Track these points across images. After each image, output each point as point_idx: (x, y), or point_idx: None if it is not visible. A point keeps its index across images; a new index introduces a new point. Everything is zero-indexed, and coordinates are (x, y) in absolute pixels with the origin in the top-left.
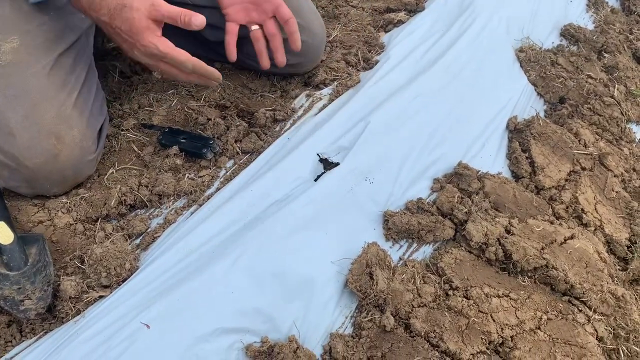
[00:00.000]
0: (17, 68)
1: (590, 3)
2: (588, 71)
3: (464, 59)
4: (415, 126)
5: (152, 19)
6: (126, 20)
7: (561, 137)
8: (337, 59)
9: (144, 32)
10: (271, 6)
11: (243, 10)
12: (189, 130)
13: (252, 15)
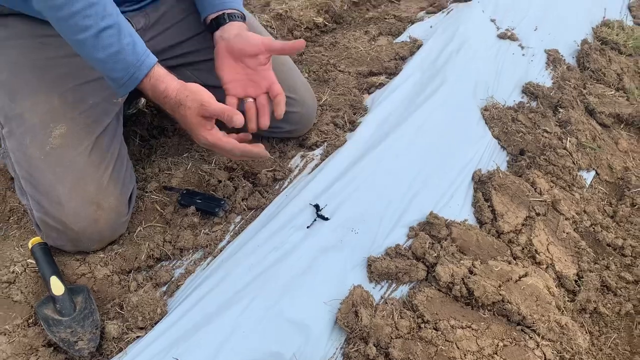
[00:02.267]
0: (64, 150)
1: (549, 61)
2: (544, 126)
3: (436, 118)
4: (392, 181)
5: (202, 116)
6: (182, 116)
7: (519, 187)
8: (327, 122)
9: (196, 127)
10: (266, 83)
11: (241, 86)
12: (203, 192)
13: (248, 90)
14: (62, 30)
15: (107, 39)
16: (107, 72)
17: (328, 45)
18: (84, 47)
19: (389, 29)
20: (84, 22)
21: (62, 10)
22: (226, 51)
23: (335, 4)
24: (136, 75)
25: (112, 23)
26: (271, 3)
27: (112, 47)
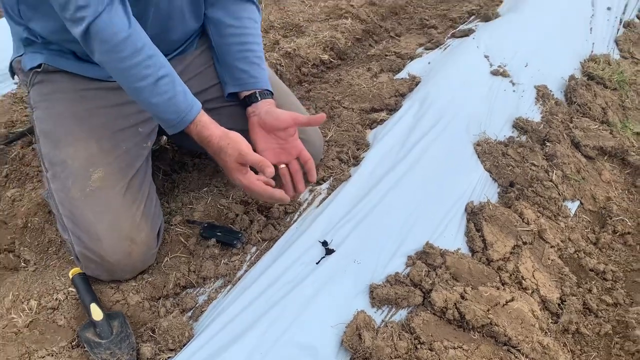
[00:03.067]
0: (102, 191)
1: (539, 96)
2: (532, 160)
3: (431, 153)
4: (392, 213)
5: (239, 162)
6: (222, 160)
7: (508, 217)
8: (333, 157)
9: (234, 171)
10: (295, 151)
11: (274, 154)
12: (223, 225)
13: (280, 157)
14: (122, 79)
15: (163, 86)
16: (161, 114)
17: (333, 82)
18: (142, 93)
19: (390, 66)
20: (144, 71)
21: (125, 62)
22: (258, 125)
23: (339, 41)
24: (186, 119)
25: (167, 72)
26: (280, 42)
27: (167, 93)
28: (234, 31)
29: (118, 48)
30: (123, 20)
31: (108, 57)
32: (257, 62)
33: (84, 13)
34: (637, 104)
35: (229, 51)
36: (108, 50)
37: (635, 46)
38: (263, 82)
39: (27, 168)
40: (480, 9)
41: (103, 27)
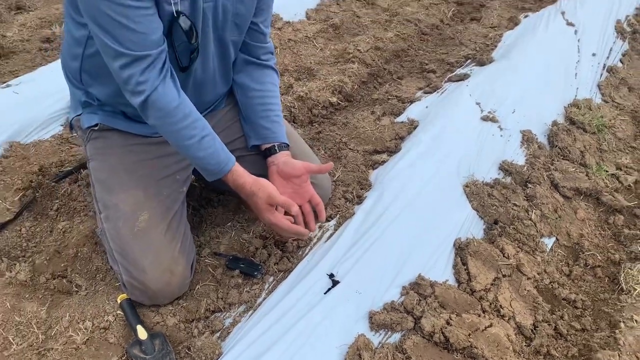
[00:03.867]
0: (147, 231)
1: (524, 140)
2: (514, 200)
3: (425, 193)
4: (389, 248)
5: (269, 204)
6: (254, 202)
7: (490, 253)
8: (339, 197)
9: (264, 211)
10: (308, 195)
11: (289, 197)
12: (245, 257)
13: (295, 200)
14: (173, 139)
15: (206, 143)
16: (203, 165)
17: (341, 124)
18: (189, 149)
19: (391, 110)
20: (191, 132)
21: (176, 125)
22: (277, 173)
23: (347, 85)
24: (224, 170)
25: (209, 132)
26: (294, 85)
27: (209, 149)
28: (258, 94)
29: (170, 114)
30: (173, 91)
31: (162, 121)
32: (276, 120)
33: (143, 87)
34: (613, 147)
35: (253, 110)
36: (162, 116)
37: (616, 90)
38: (281, 137)
39: (74, 203)
40: (476, 54)
41: (158, 98)
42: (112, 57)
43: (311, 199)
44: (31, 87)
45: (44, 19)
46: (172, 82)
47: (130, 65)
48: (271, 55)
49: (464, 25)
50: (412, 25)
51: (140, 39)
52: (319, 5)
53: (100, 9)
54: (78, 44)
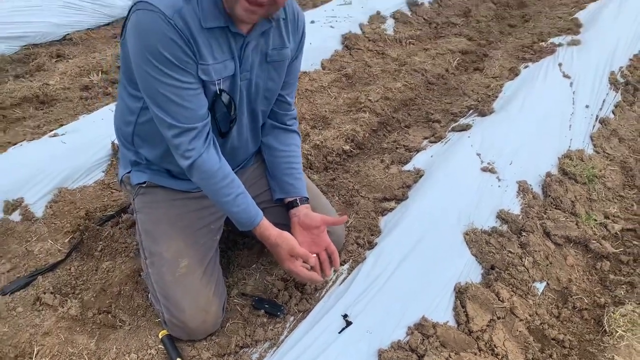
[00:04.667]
0: (186, 276)
1: (520, 190)
2: (509, 248)
3: (428, 240)
4: (396, 292)
5: (291, 255)
6: (277, 253)
7: (487, 296)
8: (352, 242)
9: (285, 260)
10: (324, 244)
11: (308, 245)
12: (268, 299)
13: (312, 248)
14: (213, 195)
15: (240, 200)
16: (237, 218)
17: (353, 172)
18: (225, 205)
19: (399, 158)
20: (228, 191)
21: (217, 185)
22: (298, 224)
23: (358, 134)
24: (254, 223)
25: (242, 191)
26: (310, 134)
27: (242, 205)
28: (283, 154)
29: (212, 176)
30: (215, 157)
31: (205, 182)
32: (299, 176)
33: (190, 153)
34: (602, 196)
35: (279, 168)
36: (205, 177)
37: (607, 141)
38: (302, 192)
39: (116, 244)
40: (478, 104)
41: (203, 163)
42: (166, 127)
43: (327, 247)
44: (76, 137)
45: (83, 68)
46: (214, 148)
47: (181, 135)
48: (295, 121)
49: (467, 75)
50: (419, 75)
51: (190, 114)
52: (333, 56)
53: (157, 89)
54: (132, 112)
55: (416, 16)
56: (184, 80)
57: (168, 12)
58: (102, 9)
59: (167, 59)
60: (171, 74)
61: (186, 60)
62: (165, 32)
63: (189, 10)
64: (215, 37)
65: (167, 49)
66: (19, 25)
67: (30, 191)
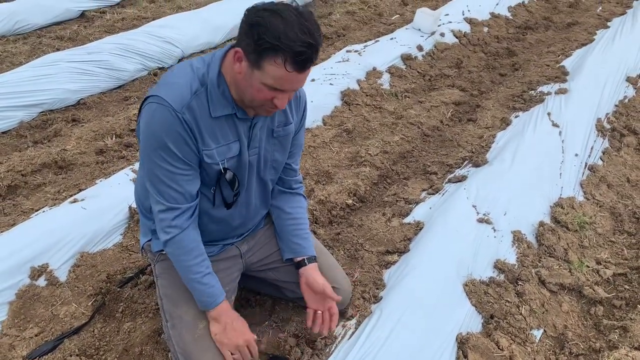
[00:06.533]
0: (205, 337)
1: (515, 240)
2: (506, 297)
3: (430, 293)
4: (400, 344)
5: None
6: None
7: (487, 346)
8: (358, 297)
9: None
10: (328, 304)
11: (314, 303)
12: (282, 355)
13: (318, 306)
14: (180, 269)
15: (207, 280)
16: (199, 296)
17: (357, 226)
18: (191, 282)
19: (399, 211)
20: (197, 269)
21: (188, 262)
22: (305, 283)
23: (360, 188)
24: (215, 303)
25: (210, 272)
26: (315, 189)
27: (208, 285)
28: (290, 216)
29: (187, 253)
30: (194, 236)
31: (178, 257)
32: (305, 236)
33: (171, 230)
34: (594, 242)
35: (286, 230)
36: (180, 254)
37: (596, 188)
38: (310, 251)
39: (136, 305)
40: (472, 155)
41: (180, 240)
42: (154, 202)
43: (330, 309)
44: (95, 202)
45: (97, 132)
46: (194, 228)
47: (166, 211)
48: (300, 184)
49: (461, 126)
50: (415, 128)
51: (179, 196)
52: (333, 112)
53: (153, 170)
54: None
55: (410, 70)
56: (180, 168)
57: (177, 107)
58: (113, 74)
59: (170, 149)
60: (170, 162)
61: (188, 152)
62: (173, 126)
63: (198, 102)
64: (221, 123)
65: (172, 141)
66: (36, 93)
67: (54, 257)
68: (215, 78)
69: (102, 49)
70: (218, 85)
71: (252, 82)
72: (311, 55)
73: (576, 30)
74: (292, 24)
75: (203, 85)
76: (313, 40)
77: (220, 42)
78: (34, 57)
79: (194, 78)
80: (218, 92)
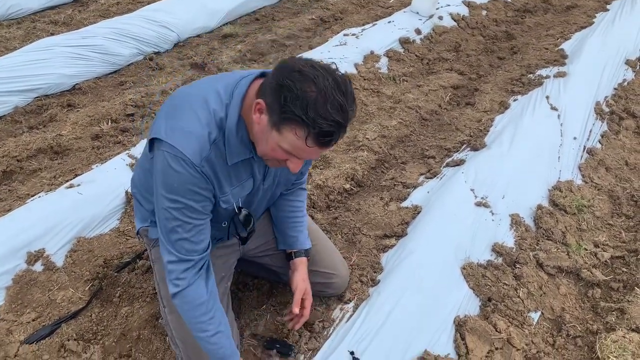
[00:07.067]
0: None
1: (513, 223)
2: (504, 280)
3: (429, 275)
4: (399, 327)
5: None
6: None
7: (484, 328)
8: (356, 280)
9: None
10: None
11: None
12: (279, 339)
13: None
14: (189, 325)
15: (215, 338)
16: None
17: (354, 210)
18: (200, 340)
19: (397, 195)
20: (206, 327)
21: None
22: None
23: (358, 172)
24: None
25: (221, 330)
26: (312, 174)
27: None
28: (288, 209)
29: (195, 309)
30: (203, 290)
31: (186, 312)
32: (300, 229)
33: (180, 282)
34: (592, 225)
35: (283, 222)
36: (188, 309)
37: (594, 171)
38: (301, 244)
39: (133, 290)
40: (470, 139)
41: (189, 294)
42: (165, 251)
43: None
44: (91, 187)
45: (93, 117)
46: (205, 282)
47: (177, 263)
48: (303, 178)
49: (460, 110)
50: (413, 112)
51: (191, 247)
52: None
53: (167, 221)
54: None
55: (408, 53)
56: (195, 218)
57: (196, 161)
58: (109, 58)
59: (189, 205)
60: (187, 214)
61: (207, 205)
62: (194, 183)
63: (216, 152)
64: (237, 167)
65: (192, 197)
66: (31, 78)
67: (50, 242)
68: (234, 125)
69: (97, 33)
70: (237, 132)
71: (268, 139)
72: (338, 135)
73: (575, 13)
74: (325, 97)
75: (221, 131)
76: (343, 120)
77: (216, 26)
78: (28, 41)
79: (211, 123)
80: (236, 140)
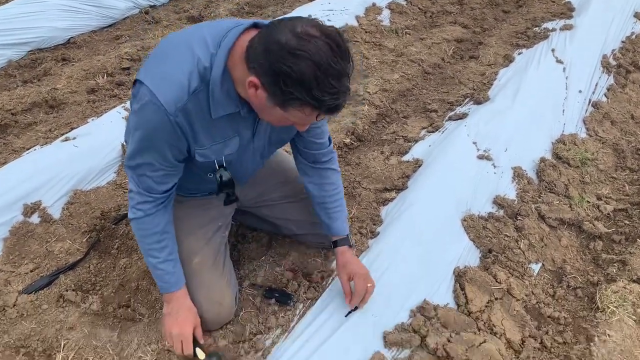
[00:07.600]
0: (200, 272)
1: (515, 176)
2: (505, 232)
3: (429, 227)
4: (398, 277)
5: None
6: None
7: (484, 279)
8: (355, 232)
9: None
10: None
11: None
12: (278, 288)
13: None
14: (142, 250)
15: (165, 266)
16: (156, 279)
17: (354, 164)
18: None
19: (398, 149)
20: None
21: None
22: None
23: (358, 127)
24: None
25: (172, 258)
26: None
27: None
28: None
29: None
30: (159, 222)
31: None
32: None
33: (137, 212)
34: (595, 178)
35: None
36: (142, 235)
37: (599, 125)
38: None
39: (131, 241)
40: (474, 93)
41: (144, 222)
42: (130, 179)
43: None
44: (87, 140)
45: (88, 71)
46: (163, 214)
47: (136, 194)
48: (332, 154)
49: (463, 64)
50: (416, 65)
51: (153, 186)
52: None
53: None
54: None
55: (411, 6)
56: (162, 163)
57: (170, 110)
58: (104, 11)
59: (157, 150)
60: (155, 158)
61: (176, 153)
62: (165, 130)
63: (195, 103)
64: (221, 121)
65: (160, 143)
66: (24, 31)
67: (47, 194)
68: (219, 77)
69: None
70: (222, 84)
71: (272, 112)
72: (343, 102)
73: None
74: (324, 71)
75: (204, 82)
76: (346, 85)
77: None
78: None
79: (193, 72)
80: (221, 92)
